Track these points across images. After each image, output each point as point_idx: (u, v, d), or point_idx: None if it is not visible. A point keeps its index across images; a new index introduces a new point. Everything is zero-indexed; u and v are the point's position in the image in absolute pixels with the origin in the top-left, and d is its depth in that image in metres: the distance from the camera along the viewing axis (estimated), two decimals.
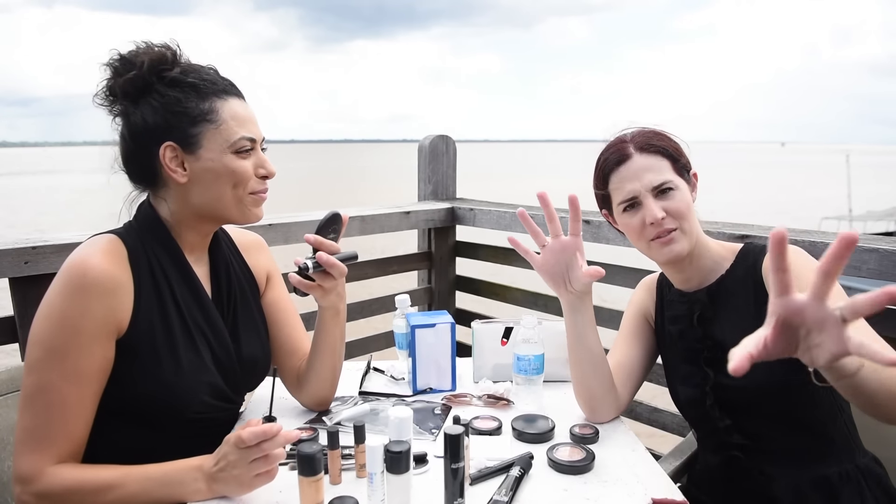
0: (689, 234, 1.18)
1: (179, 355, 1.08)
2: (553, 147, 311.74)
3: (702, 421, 1.24)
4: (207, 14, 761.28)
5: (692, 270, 1.24)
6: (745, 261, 1.21)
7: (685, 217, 1.17)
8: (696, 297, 1.24)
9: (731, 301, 1.20)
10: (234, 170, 1.08)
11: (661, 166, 1.18)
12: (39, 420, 1.00)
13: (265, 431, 0.93)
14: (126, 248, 1.07)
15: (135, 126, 1.07)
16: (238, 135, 1.08)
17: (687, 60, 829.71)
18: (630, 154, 1.19)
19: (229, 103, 1.09)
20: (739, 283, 1.20)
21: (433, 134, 2.62)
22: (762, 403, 1.15)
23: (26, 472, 0.99)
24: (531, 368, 1.28)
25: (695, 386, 1.23)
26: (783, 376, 1.09)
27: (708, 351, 1.22)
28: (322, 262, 1.13)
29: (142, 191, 1.14)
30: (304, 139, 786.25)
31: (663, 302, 1.32)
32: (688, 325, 1.25)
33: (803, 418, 1.14)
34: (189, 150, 1.07)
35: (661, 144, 1.20)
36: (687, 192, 1.20)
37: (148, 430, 1.09)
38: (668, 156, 1.19)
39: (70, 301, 1.00)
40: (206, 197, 1.09)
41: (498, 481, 1.03)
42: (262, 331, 1.27)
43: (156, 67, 1.06)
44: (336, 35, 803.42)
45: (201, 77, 1.09)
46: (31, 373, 1.01)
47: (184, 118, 1.06)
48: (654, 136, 1.22)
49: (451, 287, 2.66)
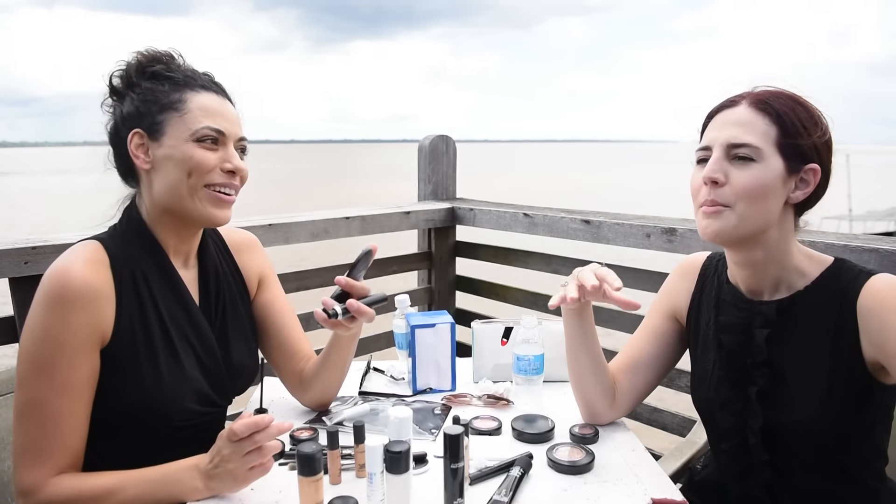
0: (742, 219, 0.98)
1: (160, 365, 1.07)
2: (553, 147, 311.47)
3: (734, 449, 1.09)
4: (207, 14, 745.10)
5: (761, 273, 1.05)
6: (833, 282, 1.01)
7: (748, 198, 0.97)
8: (759, 308, 1.05)
9: (804, 327, 1.01)
10: (190, 156, 1.05)
11: (758, 128, 0.97)
12: (34, 435, 1.00)
13: (256, 423, 0.93)
14: (108, 255, 1.06)
15: (115, 120, 1.10)
16: (201, 124, 1.06)
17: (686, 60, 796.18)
18: (737, 103, 1.01)
19: (201, 96, 1.08)
20: (820, 308, 1.00)
21: (433, 134, 2.62)
22: (811, 450, 1.02)
23: (27, 485, 0.99)
24: (531, 368, 1.28)
25: (736, 415, 1.07)
26: (844, 427, 0.99)
27: (762, 380, 1.04)
28: (353, 310, 1.09)
29: (132, 186, 1.14)
30: (303, 139, 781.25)
31: (710, 297, 1.15)
32: (743, 340, 1.06)
33: (844, 466, 1.03)
34: (153, 137, 1.06)
35: (782, 109, 0.98)
36: (775, 173, 0.97)
37: (138, 437, 1.09)
38: (780, 124, 0.97)
39: (52, 314, 0.99)
40: (165, 186, 1.07)
41: (498, 481, 1.03)
42: (250, 336, 1.26)
43: (141, 66, 1.08)
44: (336, 35, 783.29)
45: (182, 72, 1.10)
46: (22, 388, 1.00)
47: (153, 106, 1.06)
48: (781, 99, 0.99)
49: (451, 287, 2.66)
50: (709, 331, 1.14)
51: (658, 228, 1.91)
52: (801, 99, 1.00)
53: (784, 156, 0.97)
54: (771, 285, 1.05)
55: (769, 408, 1.03)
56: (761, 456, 1.05)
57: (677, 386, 1.99)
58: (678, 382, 1.98)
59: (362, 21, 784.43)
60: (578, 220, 2.13)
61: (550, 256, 2.35)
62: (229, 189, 1.10)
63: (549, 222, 2.23)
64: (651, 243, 1.93)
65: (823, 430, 0.99)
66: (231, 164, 1.08)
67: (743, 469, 1.09)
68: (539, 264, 2.39)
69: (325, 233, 2.15)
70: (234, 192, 1.11)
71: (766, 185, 0.97)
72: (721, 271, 1.14)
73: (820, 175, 0.99)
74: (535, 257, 2.41)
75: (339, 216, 2.20)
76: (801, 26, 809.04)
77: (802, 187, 1.00)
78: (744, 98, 1.01)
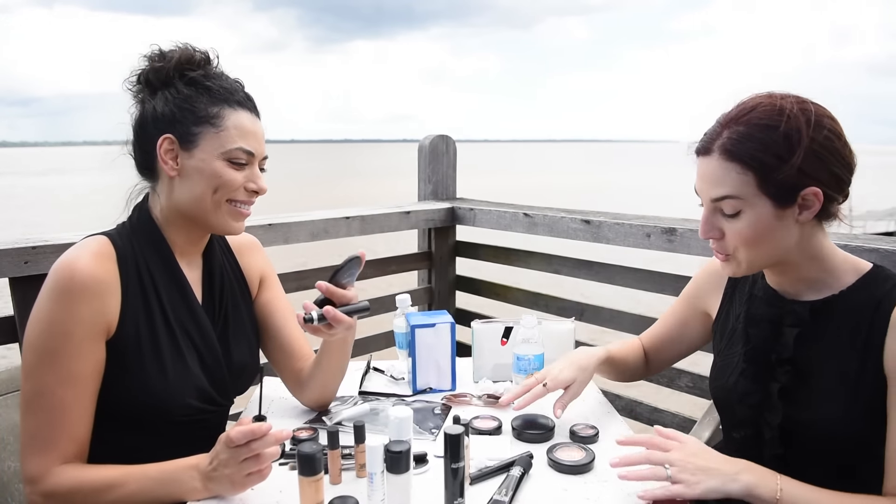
0: (751, 260, 1.01)
1: (164, 359, 1.08)
2: (552, 147, 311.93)
3: (746, 440, 1.11)
4: (207, 14, 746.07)
5: (795, 277, 1.05)
6: (870, 288, 1.00)
7: (747, 245, 0.99)
8: (792, 307, 1.05)
9: (835, 330, 1.01)
10: (220, 175, 1.08)
11: (733, 180, 0.96)
12: (41, 424, 1.01)
13: (253, 431, 0.94)
14: (115, 249, 1.08)
15: (146, 113, 1.11)
16: (235, 144, 1.09)
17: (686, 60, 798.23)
18: (710, 151, 0.99)
19: (238, 114, 1.10)
20: (854, 313, 1.00)
21: (433, 134, 2.62)
22: (825, 449, 1.03)
23: (33, 473, 1.01)
24: (531, 368, 1.28)
25: (753, 408, 1.08)
26: (864, 432, 0.99)
27: (785, 377, 1.05)
28: (328, 317, 1.09)
29: (143, 180, 1.15)
30: (303, 139, 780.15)
31: (742, 291, 1.16)
32: (770, 337, 1.07)
33: (855, 469, 1.04)
34: (185, 147, 1.08)
35: (751, 152, 0.95)
36: (767, 215, 0.97)
37: (139, 431, 1.10)
38: (754, 168, 0.95)
39: (58, 305, 1.01)
40: (189, 195, 1.09)
41: (498, 481, 1.03)
42: (251, 335, 1.27)
43: (182, 66, 1.10)
44: (335, 35, 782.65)
45: (220, 84, 1.11)
46: (28, 378, 1.02)
47: (189, 115, 1.08)
48: (751, 135, 0.96)
49: (451, 287, 2.66)
50: (738, 324, 1.15)
51: (658, 228, 1.91)
52: (777, 120, 0.95)
53: (769, 196, 0.96)
54: (806, 287, 1.05)
55: (789, 405, 1.04)
56: (775, 450, 1.06)
57: (677, 386, 1.99)
58: (678, 382, 1.98)
59: (362, 21, 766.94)
60: (578, 220, 2.13)
61: (551, 256, 2.35)
62: (249, 205, 1.14)
63: (550, 222, 2.23)
64: (651, 243, 1.93)
65: (842, 431, 1.00)
66: (256, 184, 1.13)
67: (752, 460, 1.08)
68: (539, 264, 2.39)
69: (325, 233, 2.15)
70: (252, 206, 1.16)
71: (760, 229, 0.98)
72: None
73: (821, 193, 0.96)
74: (535, 257, 2.41)
75: (339, 216, 2.20)
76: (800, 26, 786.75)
77: (809, 206, 0.97)
78: (714, 141, 0.99)
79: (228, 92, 1.11)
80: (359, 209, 2.35)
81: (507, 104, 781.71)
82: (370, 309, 1.16)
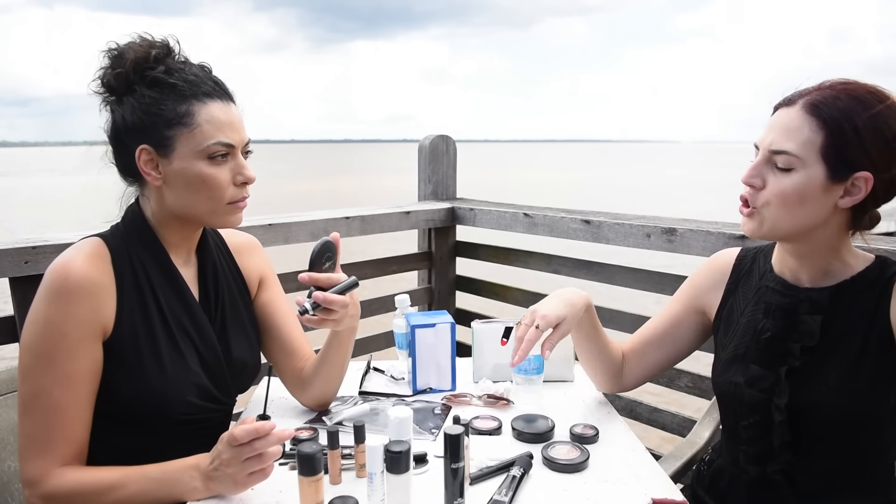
0: (774, 222, 1.01)
1: (163, 357, 1.08)
2: (552, 147, 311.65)
3: (755, 426, 1.11)
4: (207, 14, 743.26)
5: (808, 263, 1.07)
6: (876, 272, 1.04)
7: (779, 204, 0.99)
8: (807, 294, 1.07)
9: (844, 314, 1.05)
10: (205, 178, 1.06)
11: (802, 134, 0.96)
12: (38, 426, 1.01)
13: (257, 429, 0.93)
14: (109, 250, 1.07)
15: (116, 124, 1.08)
16: (212, 139, 1.05)
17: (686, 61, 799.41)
18: (794, 102, 0.99)
19: (208, 107, 1.06)
20: (861, 296, 1.04)
21: (433, 134, 2.62)
22: (835, 431, 1.04)
23: (32, 475, 1.01)
24: (531, 368, 1.28)
25: (764, 391, 1.08)
26: (871, 406, 1.01)
27: (797, 362, 1.06)
28: (319, 301, 1.08)
29: (131, 184, 1.13)
30: (303, 139, 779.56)
31: (748, 286, 1.17)
32: (787, 326, 1.08)
33: (865, 450, 1.06)
34: (162, 153, 1.06)
35: (834, 115, 0.95)
36: (815, 181, 0.97)
37: (141, 432, 1.09)
38: (828, 130, 0.95)
39: (53, 306, 1.00)
40: (180, 202, 1.08)
41: (498, 481, 1.03)
42: (251, 333, 1.26)
43: (139, 66, 1.05)
44: (335, 35, 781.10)
45: (184, 78, 1.06)
46: (25, 380, 1.02)
47: (159, 120, 1.04)
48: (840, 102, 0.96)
49: (451, 287, 2.66)
50: (742, 318, 1.16)
51: (658, 228, 1.91)
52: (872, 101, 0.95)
53: (828, 163, 0.96)
54: (817, 274, 1.07)
55: (798, 387, 1.05)
56: (784, 436, 1.06)
57: (677, 386, 1.99)
58: (678, 382, 1.98)
59: (361, 21, 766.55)
60: (578, 220, 2.13)
61: (551, 256, 2.35)
62: (244, 198, 1.13)
63: (550, 222, 2.23)
64: (651, 243, 1.93)
65: (850, 408, 1.01)
66: (243, 175, 1.10)
67: (762, 450, 1.09)
68: (539, 264, 2.39)
69: (325, 233, 2.13)
70: (247, 196, 1.14)
71: (801, 193, 0.98)
72: (762, 262, 1.18)
73: (873, 182, 0.96)
74: (535, 257, 2.41)
75: (339, 216, 2.20)
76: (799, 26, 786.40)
77: (854, 193, 0.98)
78: (802, 97, 0.99)
79: (194, 85, 1.06)
80: (359, 209, 2.35)
81: (507, 104, 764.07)
82: (359, 283, 1.15)
